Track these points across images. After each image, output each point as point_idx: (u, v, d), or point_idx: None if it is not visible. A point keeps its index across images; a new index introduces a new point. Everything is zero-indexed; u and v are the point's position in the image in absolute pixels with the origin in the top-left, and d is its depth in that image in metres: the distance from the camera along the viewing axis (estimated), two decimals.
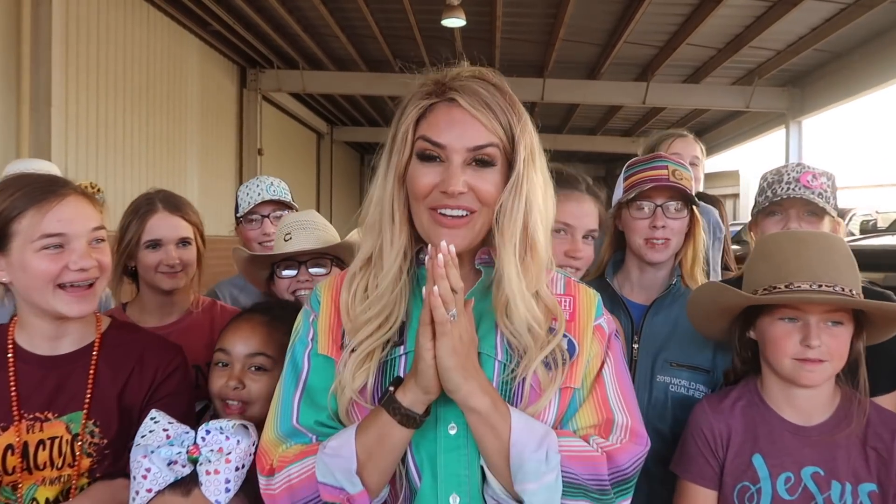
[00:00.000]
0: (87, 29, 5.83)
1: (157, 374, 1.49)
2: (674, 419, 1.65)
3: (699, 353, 1.70)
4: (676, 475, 1.48)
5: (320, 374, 1.11)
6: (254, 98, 9.66)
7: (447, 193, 1.03)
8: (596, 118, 12.97)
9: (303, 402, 1.11)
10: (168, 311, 2.00)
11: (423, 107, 1.08)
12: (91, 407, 1.41)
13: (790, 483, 1.38)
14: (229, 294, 2.33)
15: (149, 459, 1.22)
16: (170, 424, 1.28)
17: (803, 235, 1.53)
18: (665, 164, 1.79)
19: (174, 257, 1.91)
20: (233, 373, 1.50)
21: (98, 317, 1.52)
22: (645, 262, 1.79)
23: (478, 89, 1.06)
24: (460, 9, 6.67)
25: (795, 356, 1.36)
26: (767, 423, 1.43)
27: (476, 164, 1.05)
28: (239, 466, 1.24)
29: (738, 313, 1.49)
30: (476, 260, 1.13)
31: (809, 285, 1.34)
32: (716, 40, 7.89)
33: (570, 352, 1.09)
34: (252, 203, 2.39)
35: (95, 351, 1.46)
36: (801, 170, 1.86)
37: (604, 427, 1.08)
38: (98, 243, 1.41)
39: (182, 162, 7.71)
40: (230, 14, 7.47)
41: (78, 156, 5.70)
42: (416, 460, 1.07)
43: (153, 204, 1.96)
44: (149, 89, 6.91)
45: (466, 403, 1.00)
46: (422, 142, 1.06)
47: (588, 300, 1.17)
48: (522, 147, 1.06)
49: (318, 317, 1.15)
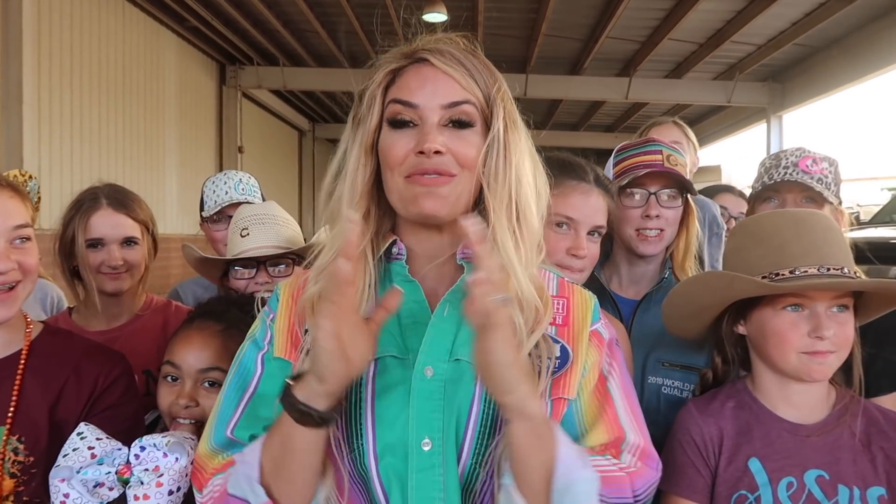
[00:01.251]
0: (60, 24, 5.70)
1: (96, 385, 1.34)
2: (667, 425, 1.53)
3: (694, 351, 1.57)
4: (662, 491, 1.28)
5: (273, 380, 0.99)
6: (234, 95, 9.54)
7: (424, 153, 0.92)
8: (579, 114, 12.97)
9: (245, 414, 0.99)
10: (115, 313, 1.87)
11: (391, 70, 0.98)
12: (15, 421, 1.27)
13: (793, 489, 1.22)
14: (192, 294, 2.20)
15: (68, 483, 1.07)
16: (97, 441, 1.15)
17: (801, 214, 1.36)
18: (659, 148, 1.66)
19: (117, 258, 1.78)
20: (183, 389, 1.36)
21: (28, 322, 1.37)
22: (635, 255, 1.66)
23: (450, 49, 0.97)
24: (442, 4, 6.63)
25: (804, 349, 1.22)
26: (763, 424, 1.29)
27: (453, 126, 0.95)
28: (173, 490, 1.10)
29: (728, 306, 1.34)
30: (459, 254, 1.00)
31: (817, 269, 1.20)
32: (697, 35, 7.89)
33: (564, 359, 0.98)
34: (219, 204, 2.21)
35: (22, 360, 1.32)
36: (800, 154, 1.77)
37: (613, 445, 0.96)
38: (21, 242, 1.27)
39: (160, 159, 7.59)
40: (208, 10, 7.36)
41: (52, 154, 5.57)
42: (382, 479, 0.92)
43: (97, 200, 1.81)
44: (125, 86, 6.78)
45: (523, 408, 0.85)
46: (393, 105, 0.96)
47: (584, 303, 1.05)
48: (501, 108, 0.97)
49: (276, 316, 1.04)
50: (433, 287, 1.01)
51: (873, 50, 7.40)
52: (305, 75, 9.75)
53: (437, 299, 0.99)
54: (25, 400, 1.29)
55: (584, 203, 1.48)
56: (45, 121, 5.48)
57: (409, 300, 0.98)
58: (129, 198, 1.87)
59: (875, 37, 7.34)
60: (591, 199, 1.49)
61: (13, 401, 1.28)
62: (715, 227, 2.54)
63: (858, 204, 9.37)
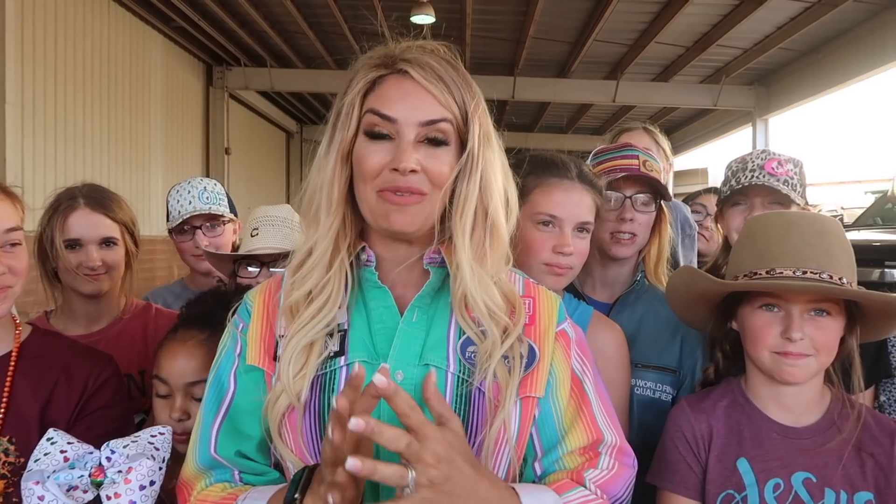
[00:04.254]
0: (44, 23, 5.64)
1: (86, 386, 1.35)
2: (640, 425, 1.55)
3: (665, 351, 1.61)
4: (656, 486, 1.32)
5: (248, 392, 1.01)
6: (220, 96, 9.48)
7: (399, 171, 0.93)
8: (567, 116, 13.01)
9: (222, 430, 1.00)
10: (95, 317, 1.83)
11: (371, 79, 0.98)
12: (5, 423, 1.27)
13: (779, 490, 1.23)
14: (163, 301, 2.14)
15: (42, 486, 1.07)
16: (69, 445, 1.15)
17: (794, 217, 1.37)
18: (636, 153, 1.68)
19: (95, 259, 1.73)
20: (174, 404, 1.37)
21: (17, 324, 1.38)
22: (608, 258, 1.68)
23: (430, 62, 0.98)
24: (429, 5, 6.62)
25: (775, 349, 1.24)
26: (753, 424, 1.29)
27: (428, 143, 0.96)
28: (145, 485, 1.11)
29: (719, 302, 1.36)
30: (426, 259, 1.02)
31: (793, 271, 1.21)
32: (684, 38, 7.95)
33: (531, 358, 1.00)
34: (183, 214, 2.13)
35: (13, 361, 1.32)
36: (765, 157, 1.78)
37: (591, 447, 1.01)
38: (12, 247, 1.27)
39: (146, 161, 7.52)
40: (195, 10, 7.31)
41: (35, 154, 5.51)
42: None
43: (74, 200, 1.76)
44: (110, 86, 6.72)
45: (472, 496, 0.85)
46: (370, 115, 0.97)
47: (549, 303, 1.08)
48: (477, 125, 0.98)
49: (249, 326, 1.05)
50: (401, 292, 1.03)
51: (858, 54, 7.48)
52: (293, 76, 9.72)
53: (406, 302, 1.01)
54: (16, 401, 1.30)
55: (565, 199, 1.47)
56: (29, 120, 5.42)
57: (379, 305, 1.01)
58: (107, 197, 1.82)
59: (860, 41, 7.42)
60: (573, 194, 1.48)
61: (4, 402, 1.29)
62: (687, 228, 2.56)
63: (842, 207, 9.48)
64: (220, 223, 2.17)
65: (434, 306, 1.01)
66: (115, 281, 1.81)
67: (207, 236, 2.15)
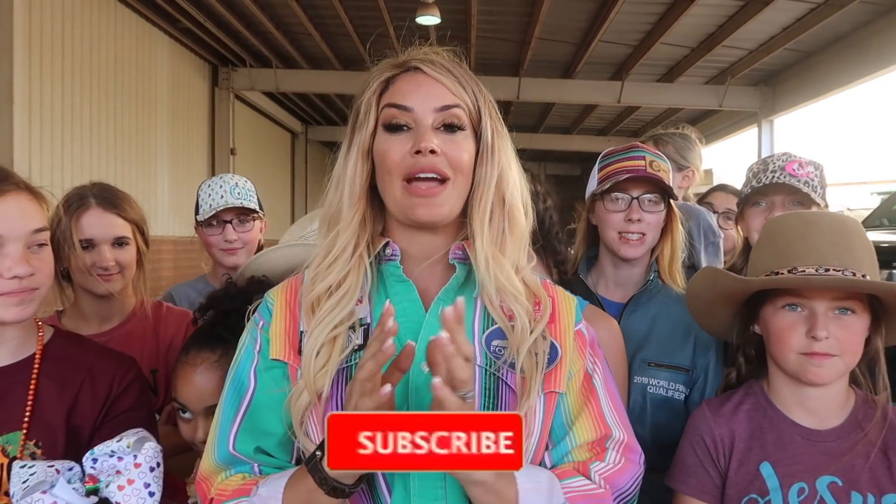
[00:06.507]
0: (51, 23, 5.66)
1: (111, 389, 1.33)
2: (653, 423, 1.58)
3: (678, 351, 1.62)
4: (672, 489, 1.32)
5: (269, 388, 1.02)
6: (226, 97, 9.48)
7: (420, 152, 0.97)
8: (571, 117, 12.99)
9: (242, 428, 1.02)
10: (106, 316, 1.83)
11: (385, 78, 1.05)
12: (31, 426, 1.25)
13: (804, 495, 1.21)
14: (187, 298, 2.18)
15: (50, 494, 1.06)
16: (47, 461, 1.13)
17: (813, 216, 1.36)
18: (642, 154, 1.70)
19: (108, 258, 1.74)
20: (197, 424, 1.37)
21: (40, 326, 1.35)
22: (619, 258, 1.70)
23: (440, 60, 1.05)
24: (435, 7, 6.62)
25: (802, 350, 1.22)
26: (776, 428, 1.27)
27: (445, 130, 1.01)
28: (153, 466, 1.13)
29: (741, 305, 1.35)
30: (451, 255, 1.05)
31: (815, 269, 1.20)
32: (689, 39, 7.92)
33: (553, 354, 1.03)
34: (214, 208, 2.18)
35: (37, 364, 1.30)
36: (787, 158, 1.80)
37: (599, 443, 1.03)
38: (39, 248, 1.25)
39: (152, 161, 7.54)
40: (200, 11, 7.32)
41: (42, 154, 5.53)
42: (385, 474, 0.97)
43: (86, 199, 1.77)
44: (116, 87, 6.74)
45: (467, 476, 0.89)
46: (388, 109, 1.02)
47: (567, 304, 1.11)
48: (488, 116, 1.04)
49: (270, 323, 1.06)
50: (425, 286, 1.05)
51: (863, 55, 7.45)
52: (298, 77, 9.71)
53: (430, 297, 1.03)
54: (41, 404, 1.28)
55: None
56: (36, 121, 5.44)
57: (403, 299, 1.03)
58: (118, 197, 1.83)
59: (865, 42, 7.39)
60: None
61: (29, 405, 1.27)
62: (711, 235, 2.55)
63: (849, 208, 9.44)
64: (249, 219, 2.22)
65: None
66: (128, 280, 1.82)
67: (237, 230, 2.19)
